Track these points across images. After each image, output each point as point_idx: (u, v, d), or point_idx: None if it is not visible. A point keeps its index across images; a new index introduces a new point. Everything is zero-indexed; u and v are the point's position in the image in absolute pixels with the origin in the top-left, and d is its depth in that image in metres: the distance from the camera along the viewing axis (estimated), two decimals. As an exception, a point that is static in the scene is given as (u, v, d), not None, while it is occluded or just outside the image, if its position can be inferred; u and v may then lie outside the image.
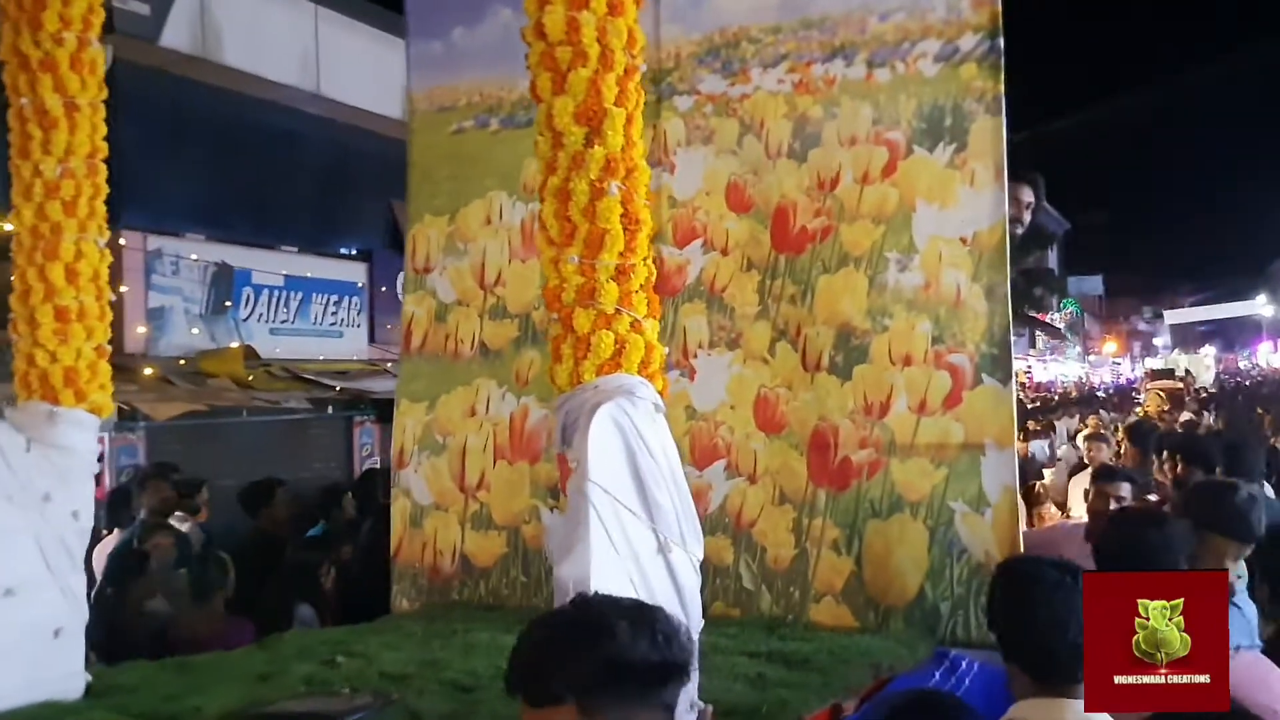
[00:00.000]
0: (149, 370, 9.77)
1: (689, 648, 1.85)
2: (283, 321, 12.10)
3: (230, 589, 5.74)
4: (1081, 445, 10.67)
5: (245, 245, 11.70)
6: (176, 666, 4.23)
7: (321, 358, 11.96)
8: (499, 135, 5.54)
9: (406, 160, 5.85)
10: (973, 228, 4.64)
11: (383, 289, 12.82)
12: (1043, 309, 7.07)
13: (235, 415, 10.53)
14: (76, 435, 3.98)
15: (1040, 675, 2.51)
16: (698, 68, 5.18)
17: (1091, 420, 13.67)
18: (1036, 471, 9.08)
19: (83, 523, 3.98)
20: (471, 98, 5.62)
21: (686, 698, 3.45)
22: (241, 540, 7.34)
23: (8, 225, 4.13)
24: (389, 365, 11.30)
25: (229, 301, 11.39)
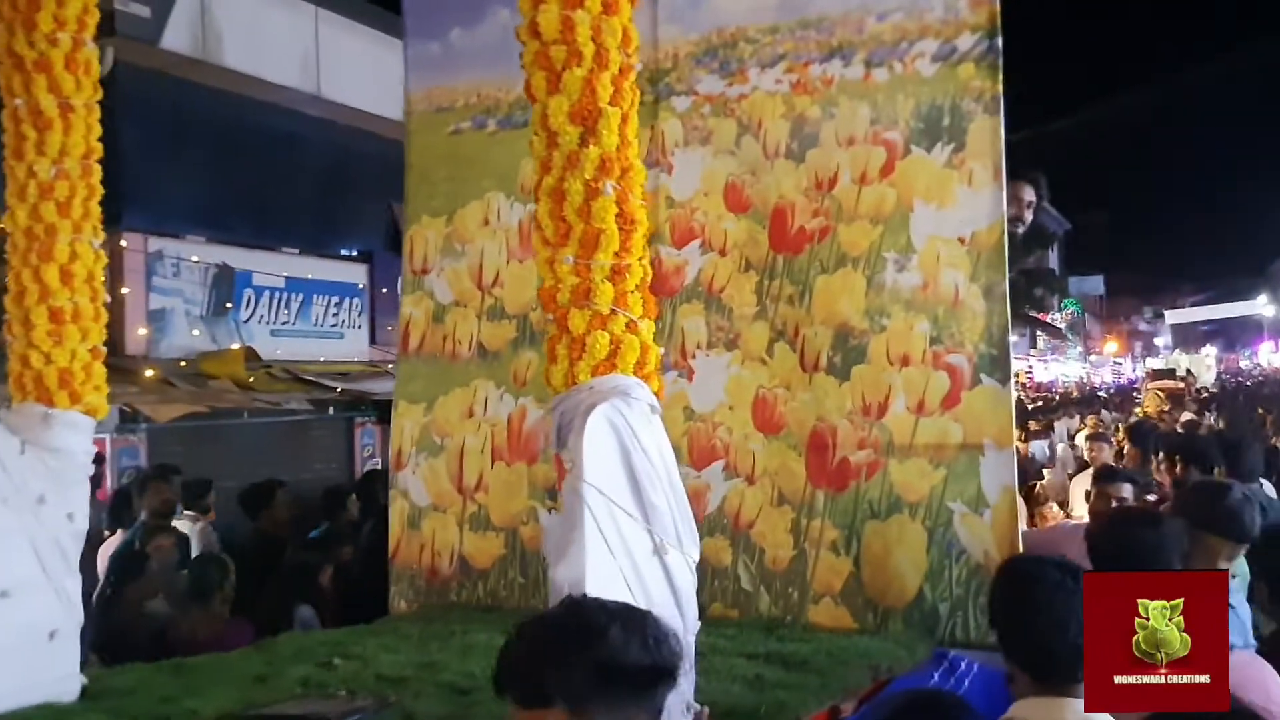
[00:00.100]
0: (150, 372, 9.75)
1: (678, 651, 1.85)
2: (284, 323, 12.09)
3: (230, 590, 5.73)
4: (1083, 445, 10.67)
5: (246, 247, 11.68)
6: (173, 668, 4.22)
7: (322, 359, 11.95)
8: (496, 136, 5.53)
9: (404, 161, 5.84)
10: (971, 228, 4.63)
11: (383, 290, 12.80)
12: (1043, 309, 7.07)
13: (236, 417, 10.53)
14: (71, 437, 3.97)
15: (1040, 675, 2.50)
16: (695, 68, 5.17)
17: (1090, 420, 13.65)
18: (1036, 472, 9.07)
19: (78, 525, 3.96)
20: (469, 99, 5.61)
21: (682, 700, 3.45)
22: (242, 541, 7.35)
23: (2, 226, 4.12)
24: (390, 366, 11.28)
25: (230, 303, 11.38)
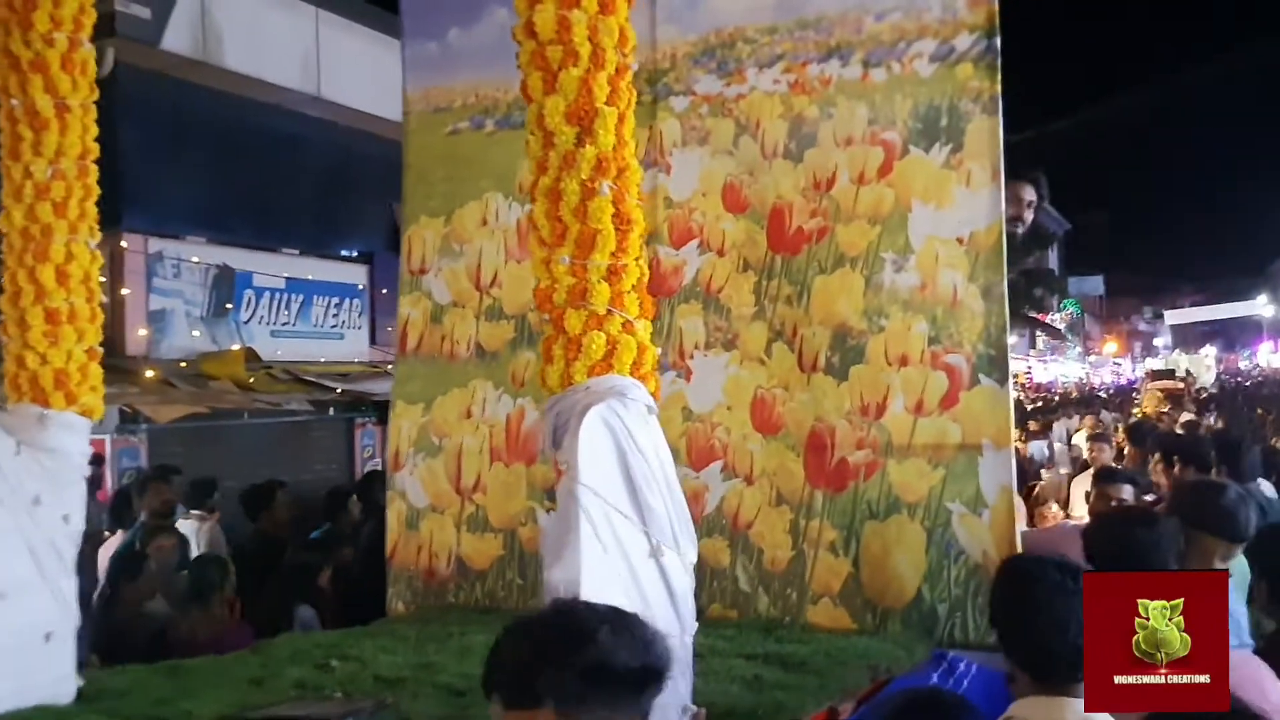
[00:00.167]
0: (150, 373, 9.74)
1: (667, 655, 1.85)
2: (284, 324, 12.06)
3: (230, 591, 5.73)
4: (1084, 445, 10.66)
5: (246, 248, 11.66)
6: (168, 670, 4.22)
7: (323, 360, 11.93)
8: (494, 136, 5.52)
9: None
10: (969, 228, 4.62)
11: (384, 291, 12.77)
12: (1043, 309, 7.06)
13: (237, 417, 10.51)
14: (67, 438, 3.96)
15: (1040, 675, 2.50)
16: (693, 68, 5.16)
17: (1088, 420, 13.63)
18: (1035, 472, 9.06)
19: (74, 526, 3.95)
20: (467, 99, 5.60)
21: (679, 701, 3.44)
22: (242, 542, 7.36)
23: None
24: (390, 367, 11.26)
25: (230, 304, 11.35)
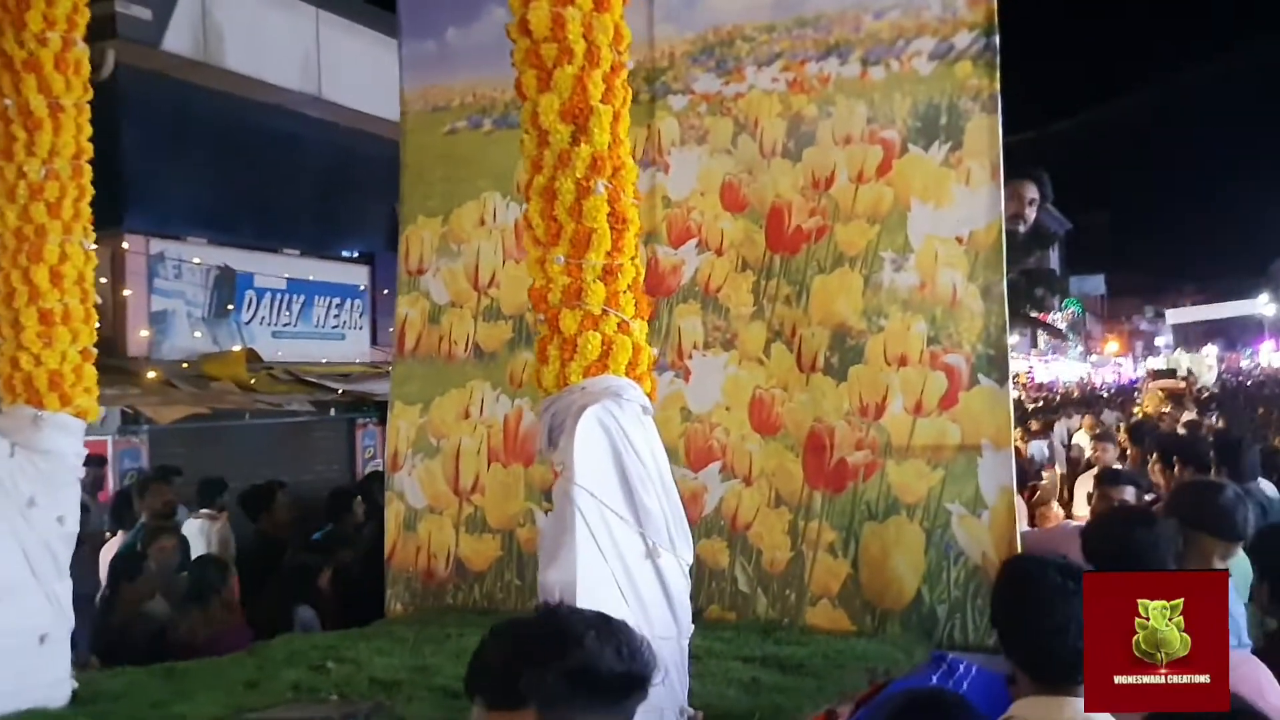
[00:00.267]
0: (152, 374, 9.75)
1: (652, 662, 1.84)
2: (285, 324, 12.06)
3: (229, 592, 5.72)
4: (1086, 445, 10.64)
5: (248, 248, 11.67)
6: (164, 672, 4.20)
7: (324, 360, 11.93)
8: (492, 135, 5.50)
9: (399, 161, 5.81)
10: (968, 227, 4.59)
11: (385, 292, 12.74)
12: (1044, 309, 7.03)
13: (238, 418, 10.52)
14: (61, 440, 3.94)
15: (1040, 675, 2.48)
16: (692, 67, 5.14)
17: (1087, 420, 13.59)
18: (1036, 472, 9.03)
19: (68, 527, 3.94)
20: (465, 98, 5.58)
21: (676, 704, 3.42)
22: (242, 543, 7.34)
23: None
24: (390, 368, 11.26)
25: (231, 305, 11.35)
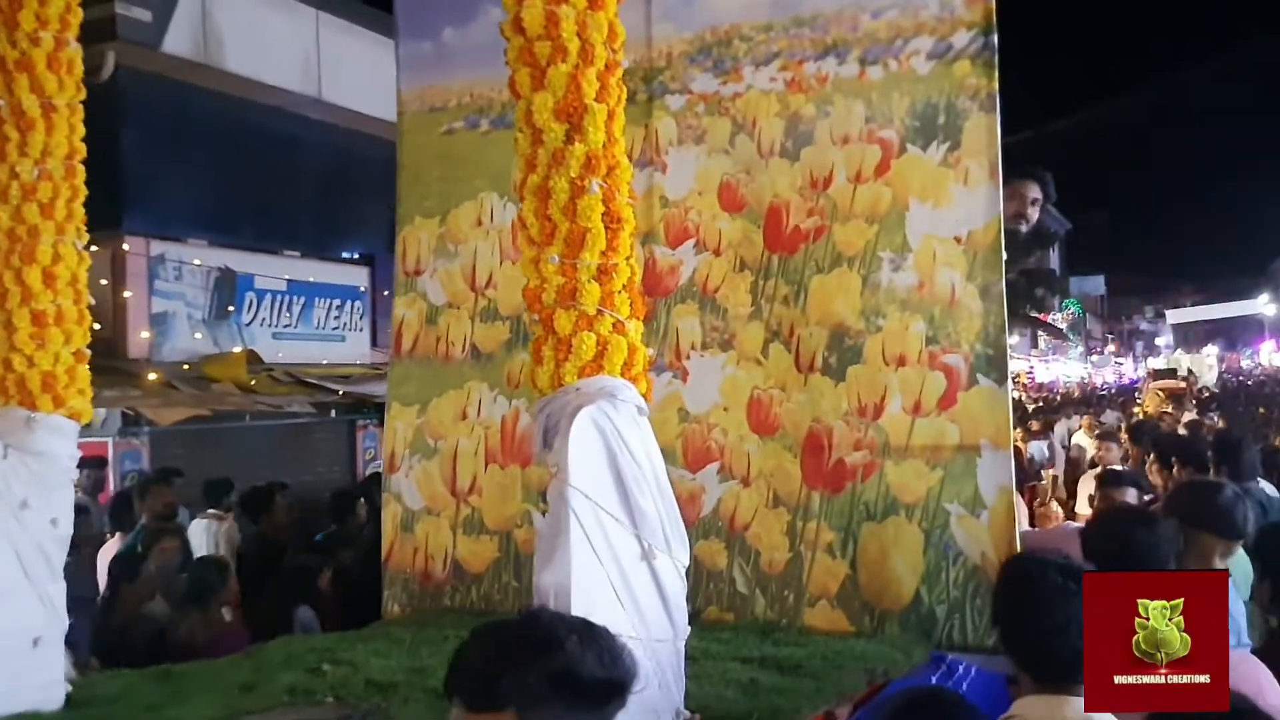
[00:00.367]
0: (152, 375, 9.73)
1: (634, 669, 1.84)
2: (285, 326, 12.06)
3: (228, 594, 5.70)
4: (1087, 445, 10.61)
5: (248, 250, 11.67)
6: (159, 675, 4.19)
7: (324, 362, 11.91)
8: (489, 136, 5.48)
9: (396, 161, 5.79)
10: (967, 226, 4.57)
11: (385, 293, 12.66)
12: (1044, 309, 7.02)
13: (238, 420, 10.53)
14: (54, 441, 3.92)
15: (1040, 675, 2.46)
16: (689, 66, 5.12)
17: (1086, 420, 13.56)
18: (1036, 472, 9.01)
19: (61, 530, 3.92)
20: (462, 98, 5.56)
21: (672, 706, 3.40)
22: (242, 544, 7.32)
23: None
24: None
25: (232, 306, 11.35)
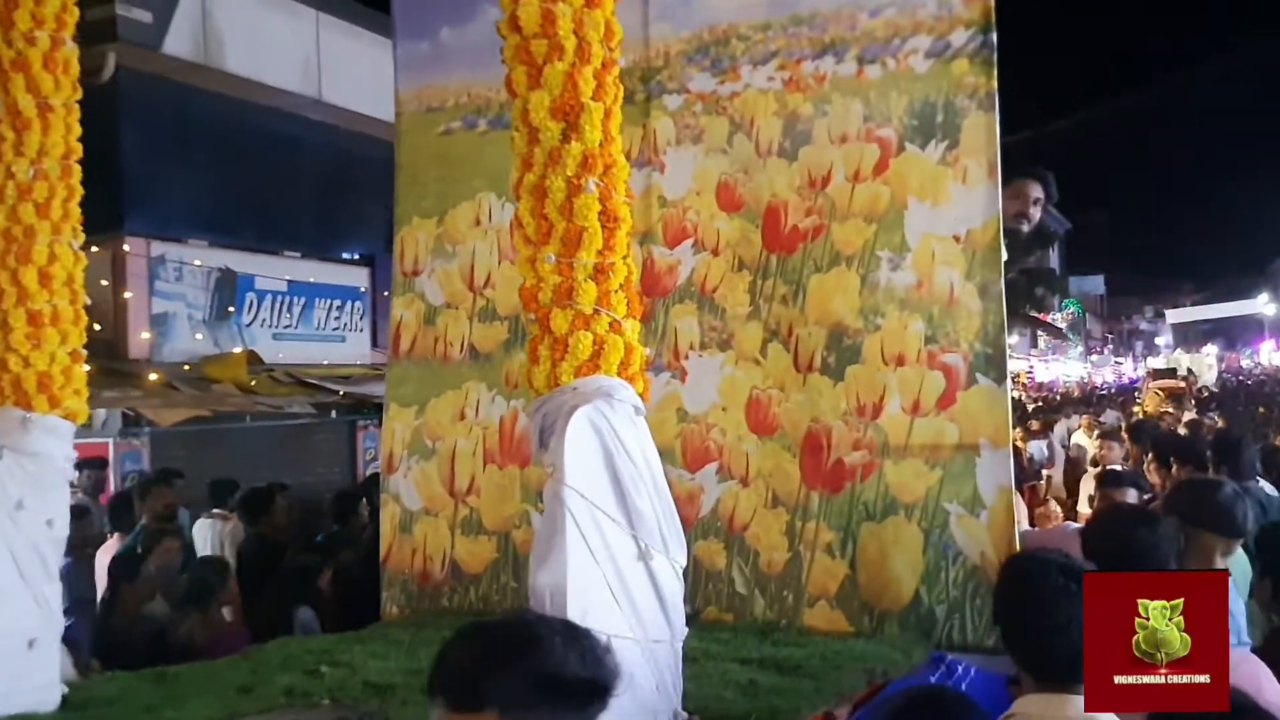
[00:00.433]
0: (153, 376, 9.72)
1: (616, 672, 1.85)
2: (286, 326, 12.06)
3: (227, 594, 5.70)
4: (1085, 444, 10.61)
5: (248, 251, 11.66)
6: (156, 677, 4.17)
7: (325, 362, 11.91)
8: (487, 136, 5.46)
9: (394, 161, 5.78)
10: (966, 225, 4.55)
11: (385, 294, 12.57)
12: (1044, 309, 7.02)
13: (239, 420, 10.53)
14: (50, 442, 3.91)
15: (1041, 675, 2.46)
16: (687, 66, 5.11)
17: (1085, 419, 13.56)
18: (1036, 472, 9.01)
19: (57, 531, 3.91)
20: (459, 98, 5.55)
21: (670, 708, 3.39)
22: (242, 545, 7.31)
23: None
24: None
25: (232, 307, 11.35)
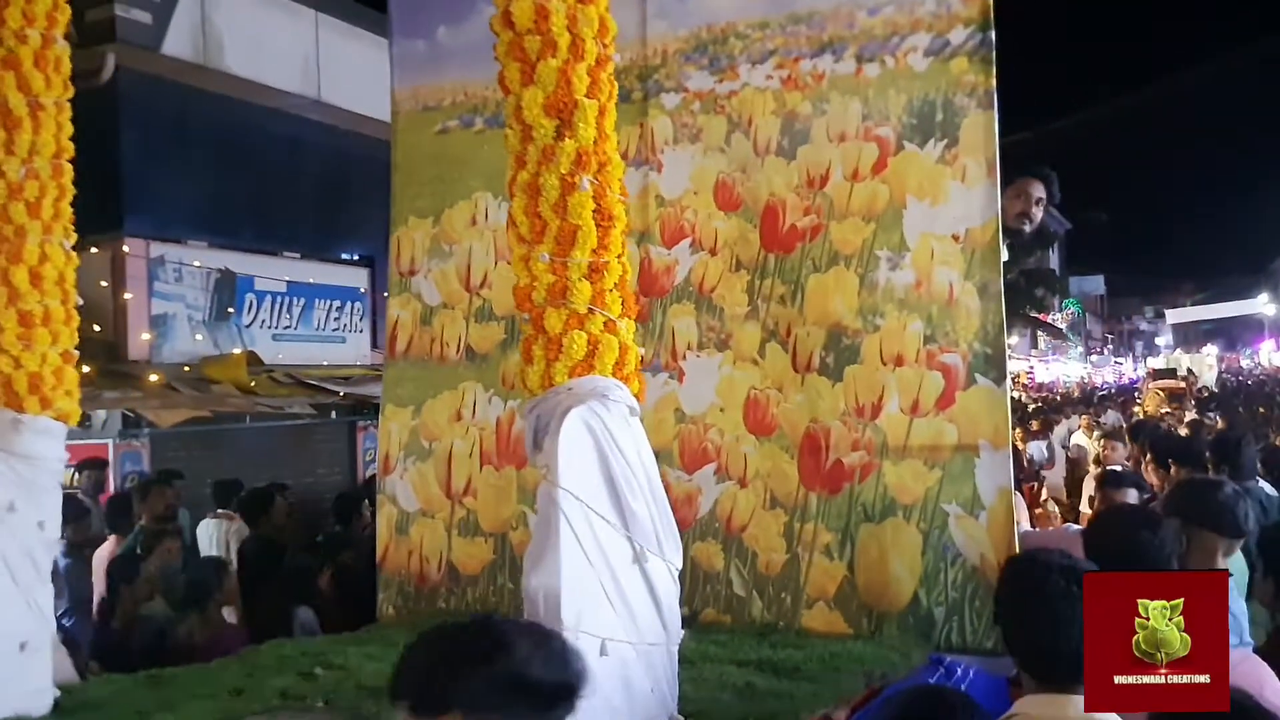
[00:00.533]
0: (153, 377, 9.70)
1: (583, 675, 1.83)
2: (286, 327, 12.04)
3: (225, 594, 5.67)
4: (1087, 444, 10.58)
5: (248, 251, 11.64)
6: (150, 680, 4.15)
7: (324, 363, 11.89)
8: (484, 135, 5.43)
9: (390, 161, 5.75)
10: (965, 225, 4.53)
11: (385, 294, 12.64)
12: (1044, 309, 7.00)
13: (239, 421, 10.51)
14: (42, 444, 3.87)
15: (1041, 675, 2.44)
16: (685, 64, 5.08)
17: (1085, 419, 13.53)
18: (1036, 472, 8.99)
19: (49, 533, 3.87)
20: (456, 97, 5.53)
21: (666, 711, 3.36)
22: (243, 545, 7.29)
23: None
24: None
25: (232, 308, 11.33)
